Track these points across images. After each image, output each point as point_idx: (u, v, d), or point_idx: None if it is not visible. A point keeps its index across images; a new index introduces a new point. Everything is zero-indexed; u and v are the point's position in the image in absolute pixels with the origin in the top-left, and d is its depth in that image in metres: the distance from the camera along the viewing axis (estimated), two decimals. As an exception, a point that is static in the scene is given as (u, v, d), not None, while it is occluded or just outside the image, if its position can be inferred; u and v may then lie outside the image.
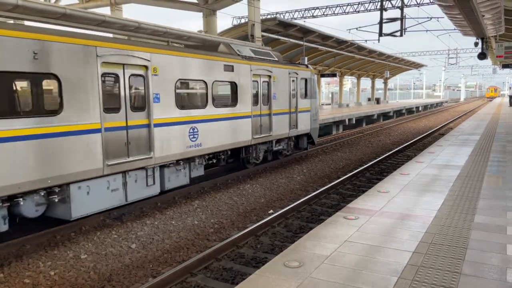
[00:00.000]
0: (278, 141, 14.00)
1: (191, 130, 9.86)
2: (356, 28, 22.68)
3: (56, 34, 6.92)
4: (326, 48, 30.98)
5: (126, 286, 5.92)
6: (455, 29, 20.92)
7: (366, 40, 28.73)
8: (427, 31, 24.28)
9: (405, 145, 18.95)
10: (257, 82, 12.47)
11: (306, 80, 15.24)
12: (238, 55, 11.84)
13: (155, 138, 8.79)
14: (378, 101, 53.77)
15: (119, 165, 7.98)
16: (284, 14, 29.73)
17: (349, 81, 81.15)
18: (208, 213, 9.21)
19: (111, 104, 7.90)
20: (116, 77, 8.03)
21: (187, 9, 20.94)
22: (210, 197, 10.28)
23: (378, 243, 4.81)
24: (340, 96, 48.79)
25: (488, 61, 62.15)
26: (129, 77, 8.29)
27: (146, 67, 8.60)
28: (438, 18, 20.77)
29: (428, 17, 20.33)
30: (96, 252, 6.97)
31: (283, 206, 9.69)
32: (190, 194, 10.54)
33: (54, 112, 6.91)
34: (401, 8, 19.53)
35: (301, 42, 26.86)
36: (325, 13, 28.76)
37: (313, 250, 4.60)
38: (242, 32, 22.14)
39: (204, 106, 10.30)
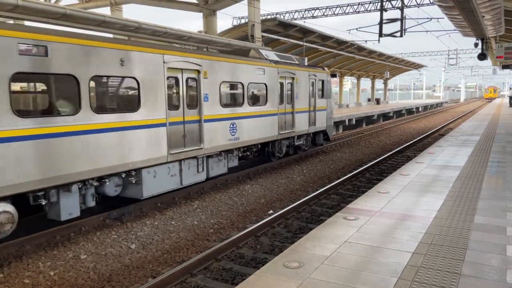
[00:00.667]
0: (299, 137, 15.41)
1: (231, 126, 11.36)
2: (356, 29, 22.69)
3: (136, 45, 8.49)
4: (326, 49, 30.99)
5: (126, 286, 5.92)
6: (455, 30, 20.93)
7: (366, 41, 28.75)
8: (427, 31, 24.29)
9: (405, 145, 18.95)
10: (283, 83, 13.89)
11: (323, 81, 16.69)
12: (266, 59, 13.28)
13: (205, 132, 10.26)
14: (378, 101, 53.78)
15: (178, 154, 9.52)
16: (284, 14, 29.73)
17: (349, 82, 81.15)
18: (208, 213, 9.20)
19: (173, 102, 9.49)
20: (177, 80, 9.55)
21: (187, 9, 20.94)
22: (210, 198, 10.28)
23: (378, 243, 4.81)
24: (340, 97, 48.81)
25: (488, 62, 62.19)
26: (186, 79, 9.85)
27: (198, 71, 10.12)
28: (438, 18, 20.78)
29: (428, 18, 20.34)
30: (95, 253, 6.97)
31: (283, 207, 9.69)
32: (189, 195, 10.54)
33: (134, 109, 8.43)
34: (401, 9, 19.54)
35: (301, 43, 26.87)
36: (325, 14, 28.75)
37: (313, 250, 4.60)
38: (242, 32, 22.14)
39: (241, 104, 11.76)
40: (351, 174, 12.58)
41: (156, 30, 14.54)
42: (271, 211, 9.45)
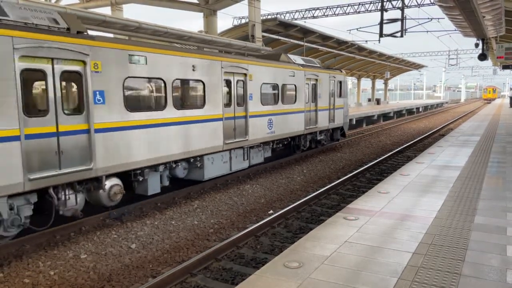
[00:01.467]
0: (320, 132, 17.41)
1: (269, 121, 13.39)
2: (357, 29, 22.67)
3: (202, 53, 10.34)
4: (327, 49, 30.99)
5: (126, 286, 5.92)
6: (455, 30, 20.92)
7: (366, 41, 28.73)
8: (427, 31, 24.29)
9: (405, 145, 18.95)
10: (308, 84, 15.78)
11: (340, 82, 18.51)
12: (295, 63, 15.25)
13: (249, 126, 12.14)
14: (378, 101, 53.75)
15: (230, 144, 11.33)
16: (284, 14, 29.72)
17: (349, 82, 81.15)
18: (208, 213, 9.20)
19: (227, 101, 11.34)
20: (230, 82, 11.39)
21: (188, 9, 20.94)
22: (210, 197, 10.28)
23: (378, 243, 4.81)
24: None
25: (488, 62, 62.13)
26: (236, 81, 11.65)
27: (245, 74, 11.94)
28: (438, 19, 20.77)
29: (428, 18, 20.34)
30: (96, 252, 6.97)
31: (283, 207, 9.68)
32: (190, 194, 10.54)
33: (202, 106, 10.32)
34: (402, 9, 19.53)
35: (302, 43, 26.87)
36: (325, 14, 28.74)
37: (313, 250, 4.59)
38: (242, 32, 22.14)
39: (276, 103, 13.80)
40: (351, 174, 12.58)
41: (157, 30, 14.58)
42: (271, 211, 9.45)
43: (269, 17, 24.14)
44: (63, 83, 7.27)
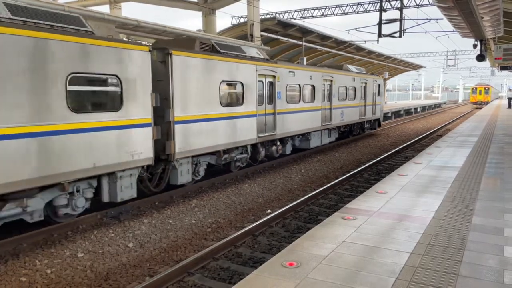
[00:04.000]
0: (367, 122, 23.21)
1: (341, 112, 18.94)
2: (355, 29, 22.69)
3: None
4: (325, 49, 30.99)
5: (123, 285, 5.90)
6: (454, 31, 20.95)
7: (365, 41, 28.75)
8: (426, 32, 24.33)
9: (403, 146, 18.97)
10: (362, 86, 21.36)
11: (379, 84, 24.35)
12: (353, 71, 20.72)
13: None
14: (376, 101, 53.72)
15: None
16: (283, 14, 29.71)
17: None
18: (205, 212, 9.19)
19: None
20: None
21: (187, 8, 20.91)
22: (208, 197, 10.27)
23: (376, 243, 4.81)
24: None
25: (486, 63, 62.21)
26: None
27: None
28: (437, 19, 20.82)
29: (427, 19, 20.38)
30: (93, 251, 6.96)
31: (281, 206, 9.68)
32: (188, 194, 10.53)
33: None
34: (400, 9, 19.55)
35: (300, 42, 26.86)
36: (324, 14, 28.74)
37: (310, 250, 4.59)
38: (241, 31, 22.12)
39: (345, 100, 19.26)
40: (349, 174, 12.59)
41: (155, 28, 14.54)
42: (269, 211, 9.45)
43: (268, 16, 24.12)
44: None
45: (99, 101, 7.75)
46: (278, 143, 14.19)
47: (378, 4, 23.75)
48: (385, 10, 21.48)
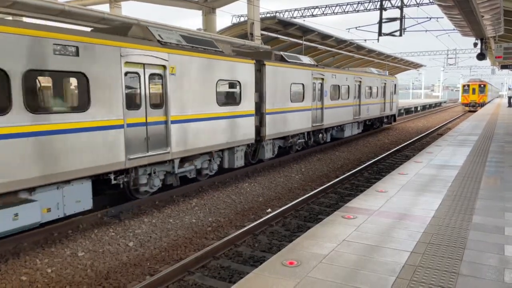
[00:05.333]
0: (385, 117, 26.82)
1: (367, 109, 22.14)
2: (356, 28, 22.69)
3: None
4: (326, 48, 30.96)
5: (124, 284, 5.91)
6: (454, 30, 20.93)
7: (365, 40, 28.74)
8: (426, 31, 24.33)
9: (403, 145, 18.96)
10: (382, 86, 24.66)
11: (395, 84, 27.94)
12: (375, 73, 23.75)
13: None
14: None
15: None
16: (283, 13, 29.69)
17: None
18: (206, 211, 9.20)
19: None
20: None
21: (187, 7, 20.89)
22: (208, 196, 10.27)
23: (376, 242, 4.81)
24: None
25: (487, 62, 62.19)
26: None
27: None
28: (437, 18, 20.78)
29: (427, 17, 20.34)
30: (93, 250, 6.96)
31: (281, 205, 9.68)
32: (188, 193, 10.53)
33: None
34: (401, 8, 19.53)
35: (301, 41, 26.84)
36: (324, 12, 28.72)
37: (311, 249, 4.59)
38: (241, 30, 22.10)
39: (369, 98, 22.36)
40: (349, 173, 12.58)
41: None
42: (269, 210, 9.45)
43: (268, 15, 24.10)
44: None
45: (231, 98, 11.55)
46: (324, 132, 17.97)
47: (379, 2, 23.72)
48: (385, 9, 21.47)
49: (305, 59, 16.01)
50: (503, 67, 34.62)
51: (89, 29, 10.22)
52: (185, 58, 9.59)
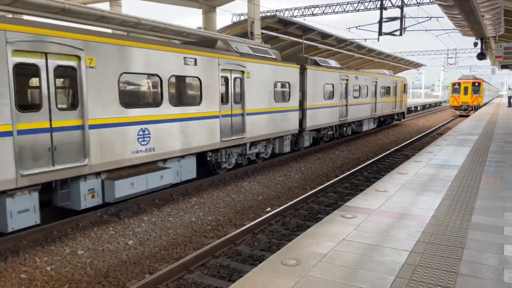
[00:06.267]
0: (396, 114, 29.20)
1: (381, 106, 24.77)
2: (356, 27, 22.68)
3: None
4: (326, 47, 30.93)
5: (123, 282, 5.91)
6: (454, 29, 20.91)
7: (365, 39, 28.72)
8: (426, 30, 24.33)
9: (403, 144, 18.97)
10: (393, 86, 27.29)
11: (405, 84, 30.35)
12: (390, 75, 27.10)
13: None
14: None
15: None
16: (284, 11, 29.66)
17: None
18: (205, 210, 9.20)
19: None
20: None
21: (187, 5, 20.87)
22: (208, 194, 10.27)
23: (376, 242, 4.81)
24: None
25: (487, 62, 62.17)
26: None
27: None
28: (438, 17, 20.77)
29: (427, 17, 20.32)
30: (93, 248, 6.96)
31: (281, 204, 9.68)
32: (187, 191, 10.53)
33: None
34: (401, 7, 19.51)
35: (301, 40, 26.81)
36: (324, 12, 28.70)
37: (310, 248, 4.59)
38: (241, 29, 22.07)
39: (384, 96, 25.34)
40: (349, 172, 12.58)
41: (156, 26, 14.50)
42: (268, 209, 9.45)
43: (269, 14, 24.07)
44: None
45: (283, 96, 14.30)
46: (347, 125, 20.75)
47: (379, 2, 23.70)
48: (385, 8, 21.44)
49: (333, 63, 18.70)
50: (503, 67, 34.60)
51: (89, 27, 10.22)
52: (255, 64, 12.44)
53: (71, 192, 7.64)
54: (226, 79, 11.27)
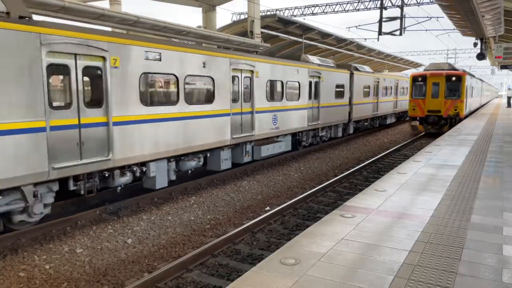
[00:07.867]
0: (398, 112, 30.74)
1: (391, 104, 28.57)
2: (356, 26, 22.67)
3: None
4: (325, 46, 30.93)
5: (122, 281, 5.90)
6: (454, 29, 20.92)
7: (365, 39, 28.73)
8: (426, 30, 24.31)
9: (402, 144, 18.97)
10: (396, 85, 28.78)
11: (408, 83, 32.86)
12: (405, 77, 30.97)
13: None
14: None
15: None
16: (284, 11, 29.65)
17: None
18: (204, 209, 9.19)
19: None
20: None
21: (187, 4, 20.83)
22: (207, 193, 10.26)
23: (375, 241, 4.81)
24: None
25: (486, 62, 62.18)
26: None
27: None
28: (437, 17, 20.77)
29: (427, 17, 20.32)
30: (91, 247, 6.95)
31: (280, 203, 9.68)
32: (187, 190, 10.53)
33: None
34: (401, 7, 19.51)
35: (301, 40, 26.80)
36: (324, 11, 28.69)
37: (309, 247, 4.59)
38: (241, 28, 22.06)
39: (391, 95, 27.84)
40: (348, 172, 12.58)
41: (155, 24, 14.48)
42: (267, 208, 9.45)
43: (269, 13, 24.07)
44: None
45: (340, 94, 18.97)
46: (377, 119, 25.68)
47: (379, 1, 23.69)
48: (385, 8, 21.42)
49: (367, 68, 23.51)
50: (503, 67, 34.60)
51: (88, 26, 10.20)
52: (326, 72, 17.32)
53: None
54: (310, 83, 16.16)
